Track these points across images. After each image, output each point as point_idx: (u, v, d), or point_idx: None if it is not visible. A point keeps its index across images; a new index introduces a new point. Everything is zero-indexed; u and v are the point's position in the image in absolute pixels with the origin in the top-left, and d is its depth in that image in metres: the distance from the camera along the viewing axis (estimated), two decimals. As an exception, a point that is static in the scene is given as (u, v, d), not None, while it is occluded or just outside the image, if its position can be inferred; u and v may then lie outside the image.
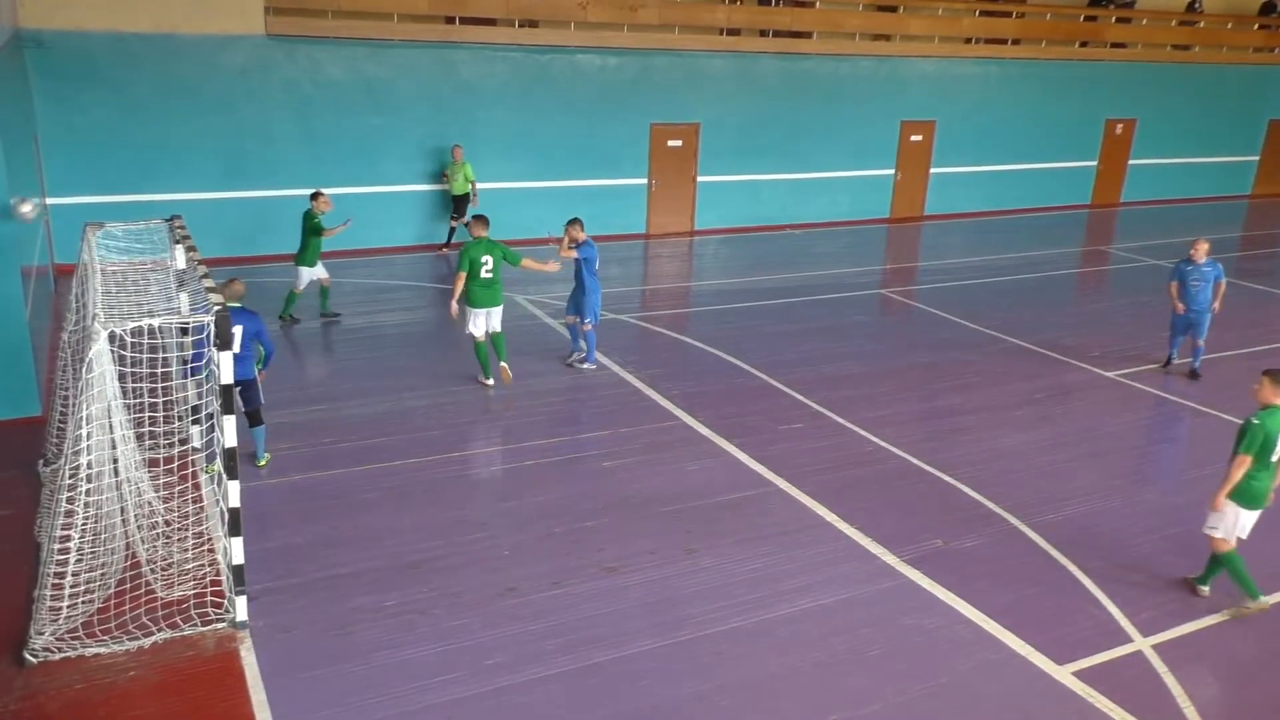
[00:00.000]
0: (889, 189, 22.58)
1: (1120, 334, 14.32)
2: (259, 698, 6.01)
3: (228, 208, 16.10)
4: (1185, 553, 8.23)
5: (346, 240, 17.09)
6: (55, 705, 5.87)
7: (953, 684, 6.49)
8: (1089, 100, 24.45)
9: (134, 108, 15.20)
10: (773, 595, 7.35)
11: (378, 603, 7.04)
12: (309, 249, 12.94)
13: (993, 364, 12.83)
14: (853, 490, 9.13)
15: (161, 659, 6.30)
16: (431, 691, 6.16)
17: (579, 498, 8.74)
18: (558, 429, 10.18)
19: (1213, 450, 10.27)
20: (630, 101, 19.00)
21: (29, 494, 8.20)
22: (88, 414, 6.18)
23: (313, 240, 12.91)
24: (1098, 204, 25.72)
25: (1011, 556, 8.08)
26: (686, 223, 20.49)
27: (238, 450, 6.49)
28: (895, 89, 21.74)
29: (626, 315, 14.34)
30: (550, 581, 7.40)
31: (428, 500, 8.59)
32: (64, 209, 14.69)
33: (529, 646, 6.64)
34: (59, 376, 8.57)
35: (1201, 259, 12.17)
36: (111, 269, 8.38)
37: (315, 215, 12.94)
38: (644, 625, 6.92)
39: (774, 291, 16.01)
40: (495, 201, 18.27)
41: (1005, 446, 10.25)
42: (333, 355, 12.26)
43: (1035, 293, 16.76)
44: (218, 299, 6.45)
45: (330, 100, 16.52)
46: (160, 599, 6.77)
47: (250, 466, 8.68)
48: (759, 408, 10.99)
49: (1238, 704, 6.41)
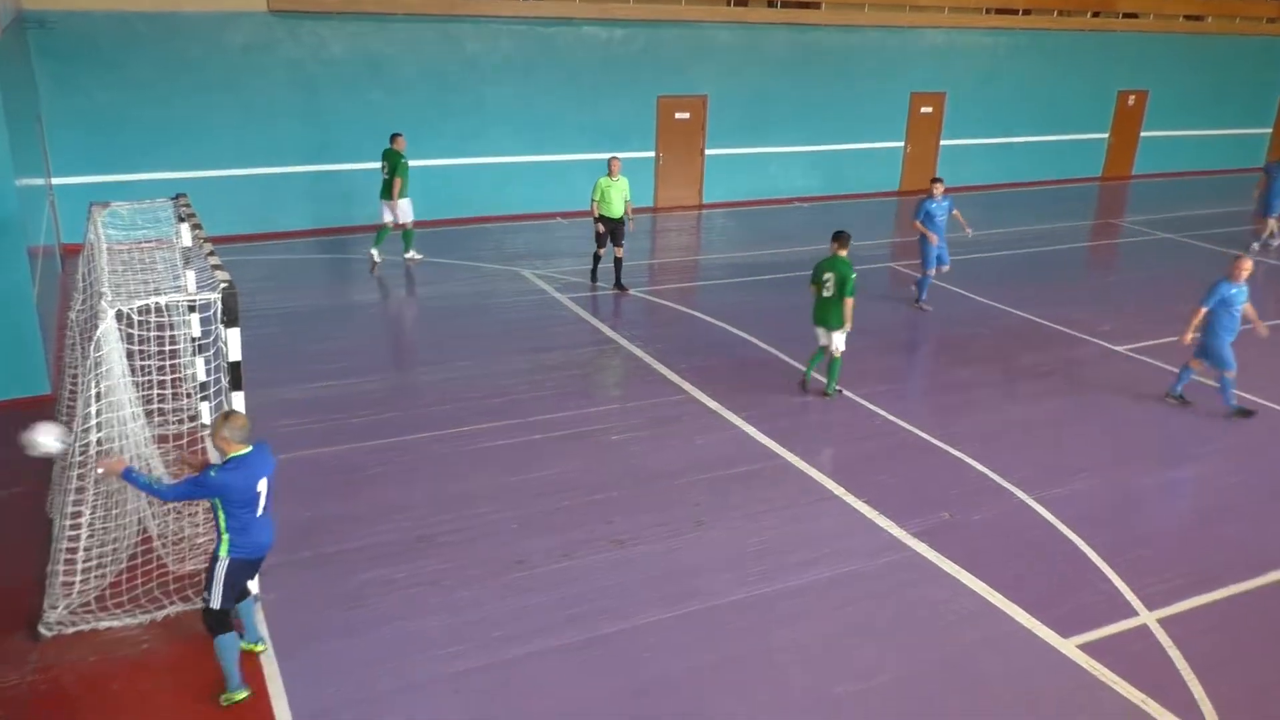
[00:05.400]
0: (899, 162, 22.43)
1: (1130, 308, 14.25)
2: (271, 669, 6.08)
3: (233, 185, 16.09)
4: (1193, 526, 8.23)
5: (354, 216, 17.18)
6: (70, 677, 5.94)
7: (958, 656, 6.52)
8: (1101, 72, 24.22)
9: (137, 87, 15.18)
10: (780, 568, 7.38)
11: (387, 576, 7.09)
12: (404, 183, 14.38)
13: (1001, 338, 12.79)
14: (860, 464, 9.13)
15: (174, 632, 6.37)
16: (441, 663, 6.22)
17: (587, 471, 8.77)
18: (566, 403, 10.20)
19: (1222, 425, 10.26)
20: (637, 74, 18.88)
21: (41, 471, 8.26)
22: (97, 392, 6.22)
23: (401, 176, 14.31)
24: (1109, 177, 25.52)
25: (1018, 530, 8.09)
26: (694, 196, 20.42)
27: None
28: (905, 60, 21.56)
29: (634, 289, 14.32)
30: (559, 554, 7.45)
31: (437, 475, 8.63)
32: (69, 189, 14.72)
33: (537, 618, 6.69)
34: (68, 355, 8.61)
35: (1243, 279, 10.16)
36: (118, 248, 8.39)
37: (401, 153, 14.37)
38: (652, 597, 6.96)
39: (782, 265, 15.96)
40: (501, 176, 18.26)
41: (1013, 420, 10.24)
42: (342, 330, 12.28)
43: (1045, 266, 16.67)
44: (225, 276, 6.45)
45: (334, 77, 16.46)
46: (172, 573, 6.83)
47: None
48: (767, 381, 10.99)
49: (1243, 678, 6.42)
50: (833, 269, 10.25)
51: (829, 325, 10.37)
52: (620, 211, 14.02)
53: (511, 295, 13.89)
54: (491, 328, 12.51)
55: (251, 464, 5.57)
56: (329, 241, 16.56)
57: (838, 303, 10.24)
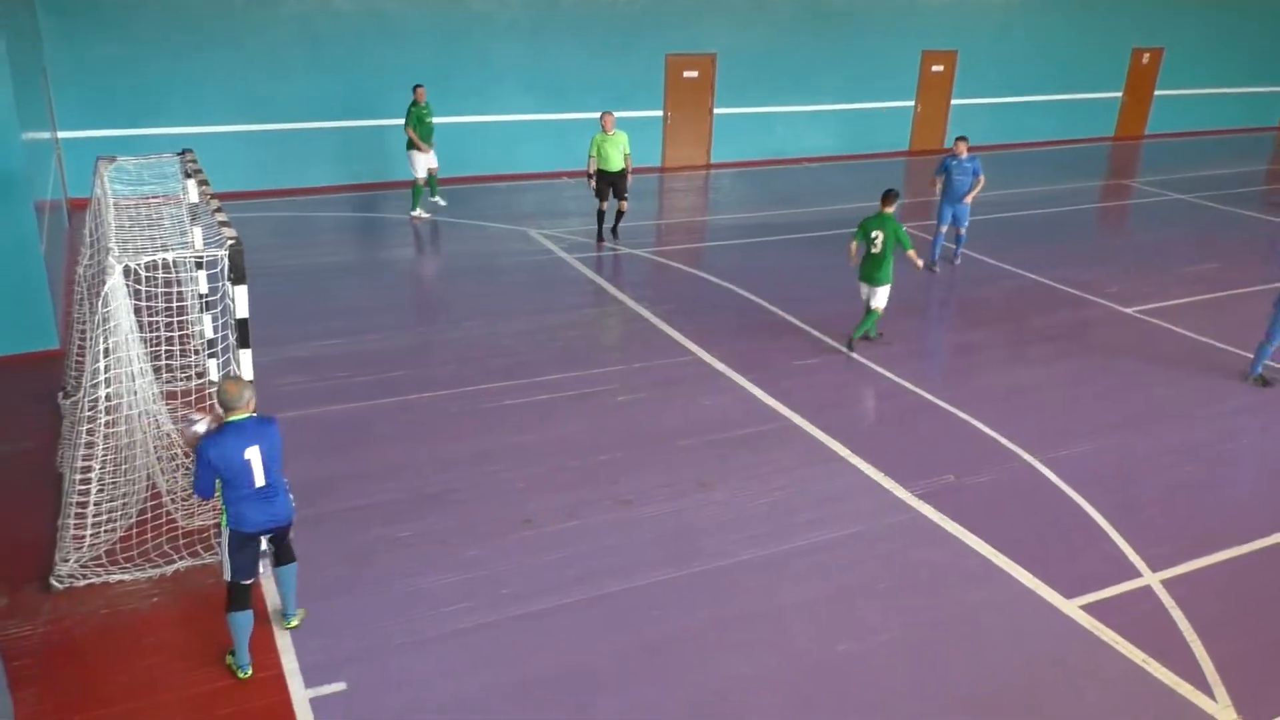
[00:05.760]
0: (909, 121, 22.21)
1: (1140, 270, 14.16)
2: (279, 624, 6.14)
3: (239, 141, 16.00)
4: (1198, 488, 8.25)
5: (359, 173, 17.09)
6: (82, 630, 6.02)
7: (961, 616, 6.57)
8: (1115, 29, 23.86)
9: (141, 41, 15.04)
10: (785, 528, 7.42)
11: (395, 533, 7.14)
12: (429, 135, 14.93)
13: (1009, 299, 12.73)
14: (866, 425, 9.14)
15: (183, 586, 6.44)
16: (448, 620, 6.28)
17: (594, 432, 8.80)
18: (572, 363, 10.20)
19: (1230, 387, 10.23)
20: (645, 31, 18.65)
21: (50, 426, 8.32)
22: (105, 347, 6.23)
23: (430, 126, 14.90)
24: (1122, 136, 25.25)
25: (1023, 492, 8.11)
26: (702, 156, 20.26)
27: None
28: (916, 17, 21.26)
29: (641, 250, 14.27)
30: (565, 514, 7.49)
31: (444, 433, 8.66)
32: (75, 143, 14.65)
33: (544, 577, 6.74)
34: (75, 310, 8.62)
35: None
36: (125, 203, 8.37)
37: (414, 104, 14.81)
38: (657, 557, 7.01)
39: (790, 226, 15.87)
40: (509, 135, 18.12)
41: (1020, 382, 10.22)
42: (349, 289, 12.26)
43: (1054, 227, 16.55)
44: (231, 233, 6.43)
45: (339, 33, 16.28)
46: (181, 528, 6.89)
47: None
48: (774, 343, 10.97)
49: (1246, 640, 6.46)
50: (882, 226, 10.45)
51: (874, 281, 10.55)
52: (618, 165, 14.07)
53: (519, 255, 13.84)
54: (498, 287, 12.49)
55: (239, 431, 5.38)
56: (335, 199, 16.49)
57: (885, 260, 10.43)
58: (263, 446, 5.44)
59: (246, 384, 5.56)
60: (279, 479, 5.62)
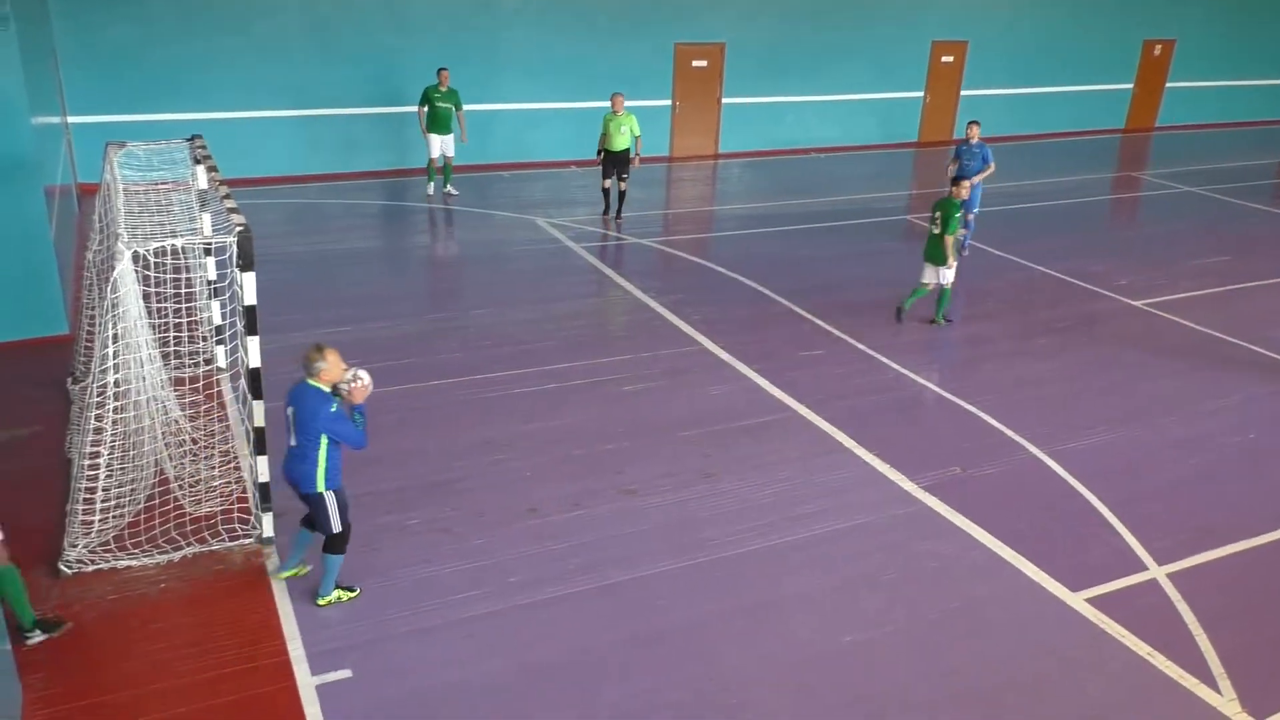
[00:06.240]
0: (918, 112, 22.11)
1: (1148, 262, 14.10)
2: (285, 608, 6.18)
3: (249, 127, 16.00)
4: (1204, 482, 8.23)
5: (366, 161, 17.08)
6: (91, 615, 6.06)
7: (966, 608, 6.57)
8: (1127, 20, 23.70)
9: (152, 26, 15.02)
10: (790, 519, 7.42)
11: (402, 521, 7.17)
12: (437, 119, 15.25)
13: (1016, 291, 12.70)
14: (872, 417, 9.13)
15: (191, 572, 6.48)
16: (454, 608, 6.30)
17: (599, 421, 8.81)
18: (579, 353, 10.21)
19: (1237, 380, 10.20)
20: (654, 20, 18.59)
21: (59, 411, 8.35)
22: (114, 333, 6.25)
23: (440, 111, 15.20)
24: (1132, 128, 25.11)
25: (1029, 485, 8.10)
26: (711, 145, 20.21)
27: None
28: (926, 8, 21.14)
29: (648, 239, 14.25)
30: (571, 503, 7.50)
31: (451, 422, 8.67)
32: (85, 127, 14.67)
33: (549, 566, 6.76)
34: (85, 296, 8.64)
35: None
36: (134, 189, 8.38)
37: (432, 86, 15.25)
38: (662, 547, 7.02)
39: (797, 216, 15.83)
40: (517, 123, 18.09)
41: (1026, 375, 10.20)
42: (358, 276, 12.27)
43: (1063, 219, 16.49)
44: (240, 219, 6.44)
45: (348, 19, 16.26)
46: (189, 514, 6.93)
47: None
48: (780, 333, 10.96)
49: (1251, 633, 6.45)
50: (941, 208, 10.98)
51: (933, 261, 11.05)
52: (622, 145, 14.38)
53: (527, 244, 13.84)
54: (506, 276, 12.49)
55: (291, 393, 6.08)
56: (345, 186, 16.49)
57: (941, 240, 10.91)
58: (296, 408, 6.07)
59: (319, 352, 6.11)
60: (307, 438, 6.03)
